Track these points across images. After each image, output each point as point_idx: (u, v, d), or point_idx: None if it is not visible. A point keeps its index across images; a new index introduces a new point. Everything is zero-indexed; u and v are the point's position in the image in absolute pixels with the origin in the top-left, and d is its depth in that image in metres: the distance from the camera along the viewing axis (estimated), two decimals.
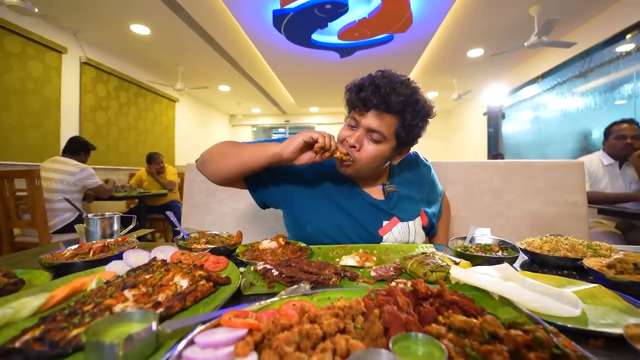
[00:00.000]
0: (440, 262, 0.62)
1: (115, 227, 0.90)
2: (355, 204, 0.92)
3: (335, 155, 0.79)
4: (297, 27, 3.51)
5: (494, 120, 5.94)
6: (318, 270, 0.62)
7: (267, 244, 0.83)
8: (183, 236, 0.88)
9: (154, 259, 0.66)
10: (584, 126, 3.94)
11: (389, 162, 0.92)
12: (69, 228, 2.65)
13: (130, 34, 3.89)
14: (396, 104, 0.79)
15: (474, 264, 0.67)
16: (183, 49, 4.41)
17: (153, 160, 3.97)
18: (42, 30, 3.45)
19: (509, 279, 0.54)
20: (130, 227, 0.98)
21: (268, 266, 0.64)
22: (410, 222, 0.95)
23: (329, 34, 3.84)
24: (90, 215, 0.88)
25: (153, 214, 4.01)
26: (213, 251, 0.75)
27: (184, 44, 4.22)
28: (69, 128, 3.83)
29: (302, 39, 3.86)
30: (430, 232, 1.07)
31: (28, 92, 3.35)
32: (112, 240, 0.82)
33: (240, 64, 4.96)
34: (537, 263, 0.72)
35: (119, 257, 0.68)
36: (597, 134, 3.76)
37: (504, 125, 5.68)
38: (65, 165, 2.66)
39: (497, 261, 0.66)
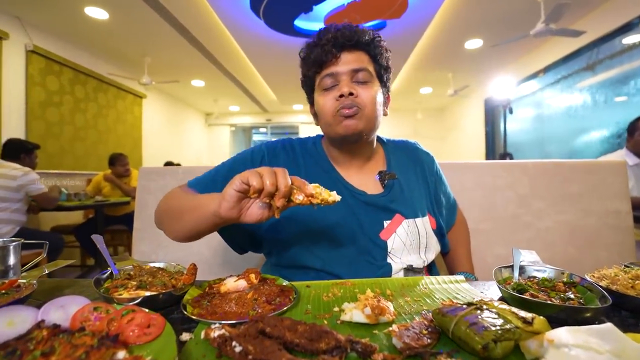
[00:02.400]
0: (500, 320, 0.42)
1: (12, 260, 0.66)
2: (347, 209, 0.79)
3: (296, 201, 0.54)
4: (278, 11, 3.30)
5: (493, 117, 5.90)
6: (309, 342, 0.40)
7: (232, 284, 0.61)
8: (112, 272, 0.65)
9: (40, 323, 0.43)
10: (588, 125, 3.89)
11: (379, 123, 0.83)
12: None
13: (85, 18, 3.58)
14: (363, 35, 0.77)
15: (545, 316, 0.47)
16: (148, 37, 4.12)
17: (117, 162, 3.67)
18: None
19: (627, 357, 0.35)
20: (39, 258, 0.73)
21: (227, 332, 0.42)
22: (418, 220, 0.82)
23: (314, 20, 3.65)
24: None
25: (114, 224, 3.69)
26: (146, 302, 0.52)
27: (149, 31, 3.93)
28: (13, 127, 3.48)
29: (283, 25, 3.65)
30: (441, 244, 0.89)
31: None
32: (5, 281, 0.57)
33: (215, 55, 4.70)
34: (630, 309, 0.53)
35: None
36: (605, 133, 3.71)
37: (504, 122, 5.64)
38: (6, 168, 2.35)
39: (578, 314, 0.47)
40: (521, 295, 0.51)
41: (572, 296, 0.53)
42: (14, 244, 0.67)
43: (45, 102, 3.87)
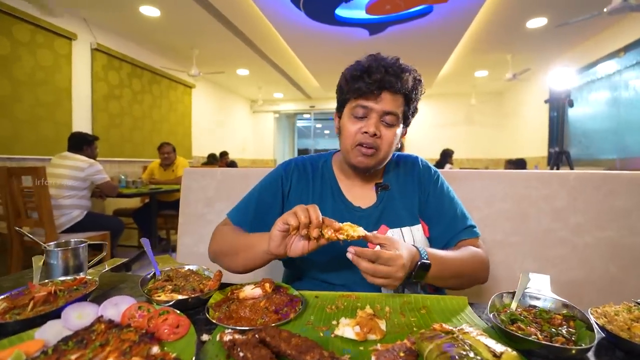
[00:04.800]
0: (471, 353, 0.47)
1: (81, 258, 0.84)
2: (339, 219, 0.86)
3: (326, 236, 0.69)
4: (318, 2, 3.32)
5: (557, 106, 5.41)
6: (298, 354, 0.49)
7: (249, 291, 0.72)
8: (154, 273, 0.80)
9: (100, 318, 0.58)
10: None
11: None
12: (78, 227, 2.75)
13: (139, 16, 3.92)
14: (407, 83, 0.83)
15: (523, 351, 0.51)
16: (196, 31, 4.39)
17: (159, 151, 4.05)
18: (50, 17, 3.55)
19: None
20: (100, 256, 0.91)
21: (237, 337, 0.53)
22: (405, 229, 0.89)
23: (355, 8, 3.61)
24: (50, 245, 0.82)
25: (166, 210, 4.09)
26: (178, 304, 0.65)
27: (196, 26, 4.20)
28: (81, 119, 3.98)
29: (324, 15, 3.67)
30: None
31: (39, 82, 3.49)
32: (70, 279, 0.74)
33: (259, 46, 4.88)
34: (624, 350, 0.54)
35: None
36: None
37: (570, 111, 5.15)
38: (75, 160, 2.74)
39: (560, 353, 0.50)
40: (502, 327, 0.55)
41: (564, 332, 0.56)
42: (82, 245, 0.85)
43: (107, 96, 4.35)
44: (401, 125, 0.89)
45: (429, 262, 0.73)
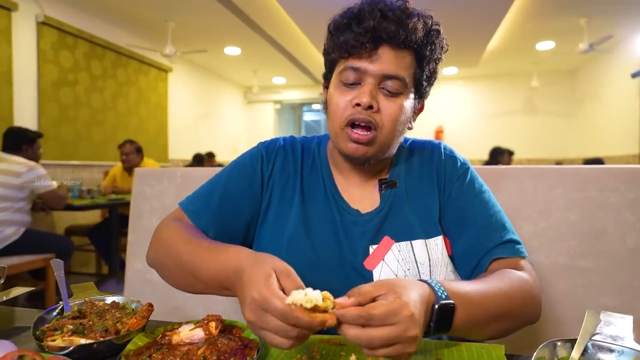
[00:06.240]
0: None
1: None
2: (334, 234, 0.85)
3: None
4: None
5: None
6: None
7: (186, 333, 0.66)
8: (62, 307, 0.75)
9: None
10: None
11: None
12: (13, 248, 2.74)
13: None
14: (416, 31, 0.76)
15: None
16: None
17: (120, 150, 4.08)
18: None
19: None
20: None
21: None
22: (418, 243, 0.83)
23: None
24: None
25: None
26: (79, 352, 0.59)
27: None
28: (25, 111, 4.05)
29: None
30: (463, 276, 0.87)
31: None
32: None
33: (252, 17, 4.89)
34: None
35: None
36: None
37: None
38: (9, 164, 2.76)
39: None
40: None
41: None
42: None
43: (58, 81, 4.43)
44: (411, 96, 0.82)
45: (451, 302, 0.61)
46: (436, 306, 0.59)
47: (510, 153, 5.62)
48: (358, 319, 0.50)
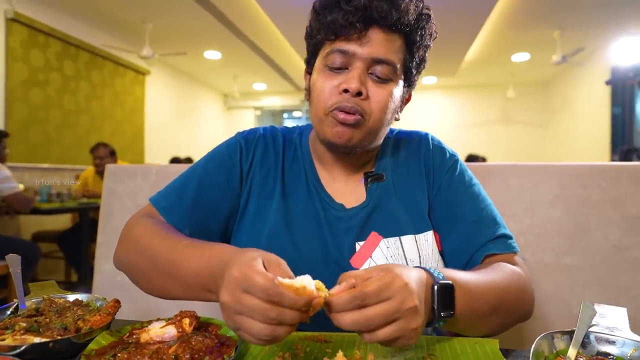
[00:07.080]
0: None
1: None
2: (317, 229, 0.82)
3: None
4: None
5: (623, 90, 5.39)
6: None
7: (156, 331, 0.61)
8: (17, 306, 0.68)
9: None
10: None
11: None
12: None
13: None
14: (407, 13, 0.73)
15: None
16: None
17: (92, 154, 3.99)
18: None
19: None
20: None
21: None
22: (407, 238, 0.81)
23: None
24: None
25: None
26: (34, 351, 0.53)
27: None
28: None
29: None
30: None
31: None
32: None
33: (232, 20, 4.87)
34: None
35: None
36: None
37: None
38: None
39: None
40: None
41: None
42: None
43: (28, 82, 4.28)
44: (401, 83, 0.79)
45: (449, 282, 0.59)
46: (435, 287, 0.57)
47: (483, 160, 5.85)
48: (353, 301, 0.47)
